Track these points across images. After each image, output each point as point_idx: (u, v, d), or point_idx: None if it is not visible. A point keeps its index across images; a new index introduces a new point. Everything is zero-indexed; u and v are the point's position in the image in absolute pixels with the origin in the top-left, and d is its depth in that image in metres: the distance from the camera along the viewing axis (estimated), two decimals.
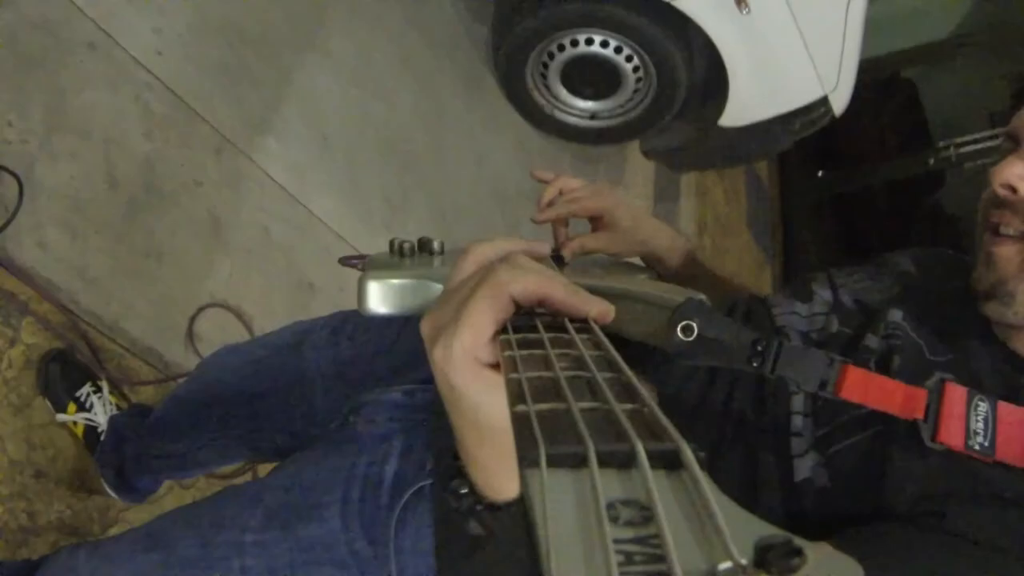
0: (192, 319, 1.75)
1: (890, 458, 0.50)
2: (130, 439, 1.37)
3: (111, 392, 1.49)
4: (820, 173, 4.52)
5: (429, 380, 0.85)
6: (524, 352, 0.35)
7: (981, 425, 0.47)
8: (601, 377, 0.30)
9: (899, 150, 4.32)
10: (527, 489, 0.23)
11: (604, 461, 0.23)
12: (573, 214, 0.84)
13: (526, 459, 0.24)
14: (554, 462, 0.23)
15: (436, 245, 0.75)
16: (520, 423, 0.27)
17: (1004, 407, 0.49)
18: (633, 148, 3.12)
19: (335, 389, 0.98)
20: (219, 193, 1.92)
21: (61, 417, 1.42)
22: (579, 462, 0.23)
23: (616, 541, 0.20)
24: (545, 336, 0.38)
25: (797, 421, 0.57)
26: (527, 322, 0.41)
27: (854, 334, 0.61)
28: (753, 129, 2.45)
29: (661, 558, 0.19)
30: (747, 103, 2.39)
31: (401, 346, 0.95)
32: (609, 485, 0.22)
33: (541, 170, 0.91)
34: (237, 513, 0.80)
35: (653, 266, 0.86)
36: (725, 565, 0.19)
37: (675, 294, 0.54)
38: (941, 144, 4.13)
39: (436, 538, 0.69)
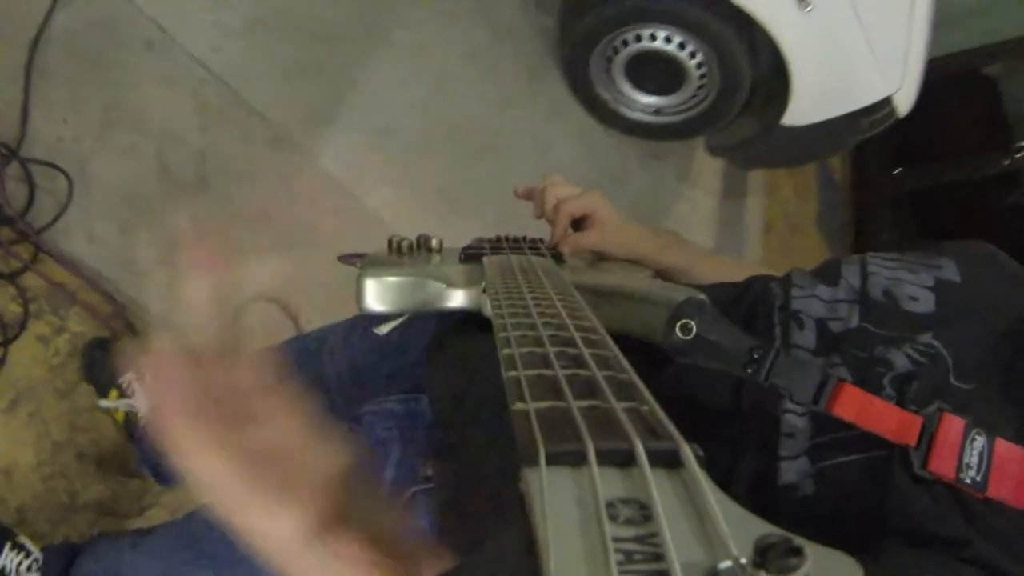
0: (238, 311, 1.81)
1: (892, 480, 0.48)
2: None
3: None
4: (897, 170, 4.33)
5: (421, 390, 0.86)
6: (524, 350, 0.35)
7: (975, 459, 0.46)
8: (600, 375, 0.30)
9: (978, 148, 4.16)
10: (526, 487, 0.23)
11: (604, 459, 0.23)
12: (570, 213, 0.85)
13: (525, 457, 0.24)
14: (553, 460, 0.24)
15: (435, 243, 0.77)
16: (520, 421, 0.27)
17: (1002, 444, 0.47)
18: (700, 144, 3.08)
19: (348, 393, 1.00)
20: (272, 186, 1.97)
21: (103, 403, 1.49)
22: (578, 460, 0.24)
23: (615, 540, 0.20)
24: (539, 322, 0.38)
25: (792, 420, 0.53)
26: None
27: (875, 336, 0.56)
28: (816, 128, 2.41)
29: (661, 557, 0.19)
30: (809, 102, 2.36)
31: (400, 354, 0.96)
32: (609, 483, 0.22)
33: (523, 187, 0.95)
34: None
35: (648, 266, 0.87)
36: (725, 564, 0.19)
37: (676, 292, 0.55)
38: (1020, 144, 3.97)
39: None
